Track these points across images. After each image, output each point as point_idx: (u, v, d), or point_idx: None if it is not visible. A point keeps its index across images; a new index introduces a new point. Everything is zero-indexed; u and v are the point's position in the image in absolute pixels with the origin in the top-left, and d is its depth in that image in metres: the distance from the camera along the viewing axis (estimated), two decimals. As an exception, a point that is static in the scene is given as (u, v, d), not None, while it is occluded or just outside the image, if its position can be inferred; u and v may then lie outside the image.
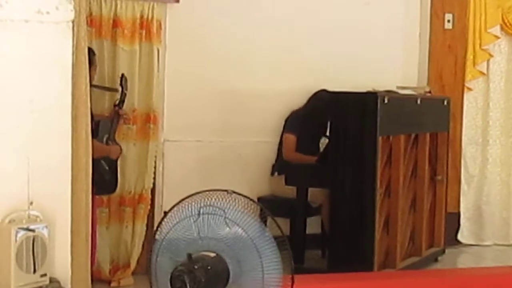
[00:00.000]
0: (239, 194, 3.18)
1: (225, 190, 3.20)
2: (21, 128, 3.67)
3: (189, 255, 3.09)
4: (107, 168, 5.22)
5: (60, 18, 3.77)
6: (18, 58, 3.67)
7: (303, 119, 6.42)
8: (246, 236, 3.17)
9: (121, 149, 5.42)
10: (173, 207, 3.31)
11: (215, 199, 3.19)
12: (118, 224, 5.78)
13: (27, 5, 3.69)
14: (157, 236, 3.34)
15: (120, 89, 5.36)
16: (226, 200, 3.18)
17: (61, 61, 3.79)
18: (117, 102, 5.35)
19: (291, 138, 6.36)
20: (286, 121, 6.47)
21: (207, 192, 3.21)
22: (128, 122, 5.58)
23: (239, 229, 3.19)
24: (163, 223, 3.34)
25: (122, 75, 5.39)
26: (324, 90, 6.38)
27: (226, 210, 3.18)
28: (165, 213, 3.41)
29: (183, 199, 3.30)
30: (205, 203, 3.17)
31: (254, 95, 6.49)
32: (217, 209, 3.17)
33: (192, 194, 3.29)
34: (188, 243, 3.19)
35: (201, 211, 3.17)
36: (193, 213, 3.22)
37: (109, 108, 5.53)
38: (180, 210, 3.25)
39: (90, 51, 4.61)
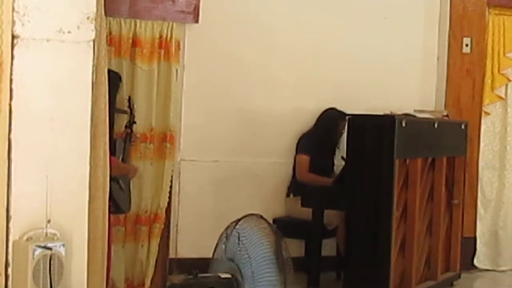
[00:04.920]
0: (263, 219, 3.22)
1: (256, 214, 3.27)
2: (41, 146, 3.67)
3: (196, 273, 3.17)
4: (123, 186, 5.24)
5: (81, 38, 3.78)
6: (39, 77, 3.67)
7: (315, 140, 6.43)
8: (249, 260, 3.23)
9: (137, 169, 5.45)
10: (226, 228, 3.42)
11: (242, 222, 3.26)
12: (133, 243, 5.80)
13: (49, 24, 3.70)
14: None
15: (128, 111, 5.40)
16: (244, 224, 3.22)
17: (81, 80, 3.79)
18: (127, 123, 5.40)
19: (304, 159, 6.36)
20: (297, 143, 6.48)
21: (248, 217, 3.28)
22: (136, 142, 5.61)
23: (245, 253, 3.26)
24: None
25: (129, 97, 5.42)
26: (332, 109, 6.42)
27: (241, 233, 3.23)
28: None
29: (236, 220, 3.41)
30: (232, 226, 3.25)
31: (271, 116, 6.50)
32: (236, 232, 3.22)
33: (243, 217, 3.39)
34: (218, 264, 3.31)
35: (228, 233, 3.25)
36: (224, 235, 3.32)
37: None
38: (224, 232, 3.38)
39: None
